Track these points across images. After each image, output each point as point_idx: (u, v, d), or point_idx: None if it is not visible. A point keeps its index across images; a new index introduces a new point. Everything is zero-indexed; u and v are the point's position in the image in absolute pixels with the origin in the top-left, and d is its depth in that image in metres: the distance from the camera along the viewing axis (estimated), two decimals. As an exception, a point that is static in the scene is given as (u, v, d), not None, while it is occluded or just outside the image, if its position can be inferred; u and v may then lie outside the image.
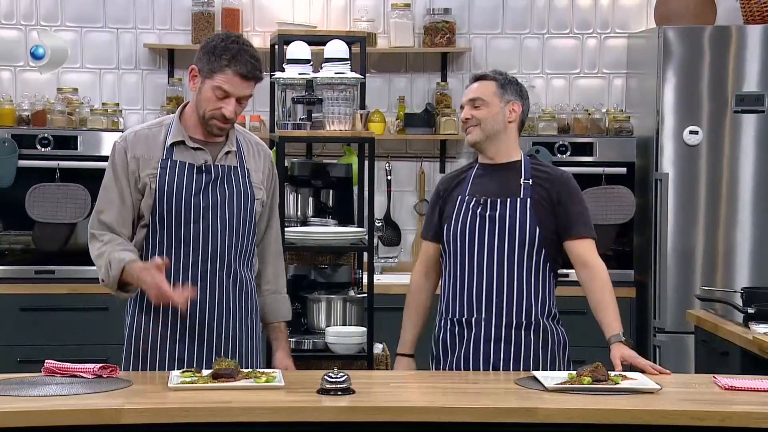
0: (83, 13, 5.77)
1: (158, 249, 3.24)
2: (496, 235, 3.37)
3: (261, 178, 3.34)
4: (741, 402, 2.86)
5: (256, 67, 3.20)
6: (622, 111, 5.77)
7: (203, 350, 3.26)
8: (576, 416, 2.76)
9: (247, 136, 3.41)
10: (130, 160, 3.25)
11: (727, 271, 5.34)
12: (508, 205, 3.39)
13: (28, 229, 5.37)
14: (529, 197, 3.39)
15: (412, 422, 2.77)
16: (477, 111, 3.43)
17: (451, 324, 3.42)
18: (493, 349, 3.37)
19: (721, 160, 5.34)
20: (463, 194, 3.45)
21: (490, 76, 3.48)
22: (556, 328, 3.44)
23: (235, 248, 3.27)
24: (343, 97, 3.87)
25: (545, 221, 3.37)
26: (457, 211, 3.43)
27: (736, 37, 5.32)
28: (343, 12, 5.84)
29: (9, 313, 5.27)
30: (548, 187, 3.40)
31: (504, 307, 3.37)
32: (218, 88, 3.17)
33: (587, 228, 3.42)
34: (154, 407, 2.75)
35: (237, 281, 3.28)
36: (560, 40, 5.91)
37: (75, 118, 5.54)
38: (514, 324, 3.37)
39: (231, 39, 3.21)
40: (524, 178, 3.42)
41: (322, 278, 4.03)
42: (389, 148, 5.84)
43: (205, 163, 3.25)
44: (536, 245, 3.37)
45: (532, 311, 3.39)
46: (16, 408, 2.70)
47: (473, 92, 3.46)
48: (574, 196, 3.43)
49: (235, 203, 3.26)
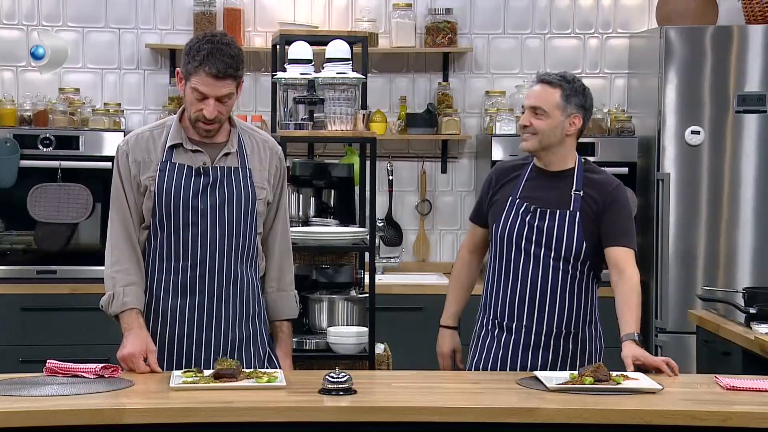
0: (85, 13, 5.77)
1: (159, 251, 3.25)
2: (543, 246, 3.37)
3: (265, 176, 3.32)
4: (742, 402, 2.86)
5: (229, 65, 3.15)
6: (623, 111, 5.77)
7: (201, 352, 3.26)
8: (577, 416, 2.76)
9: (254, 134, 3.38)
10: (131, 164, 3.26)
11: (728, 271, 5.34)
12: (557, 218, 3.38)
13: (30, 229, 5.37)
14: (578, 210, 3.38)
15: (414, 422, 2.77)
16: (537, 120, 3.38)
17: (492, 324, 3.45)
18: (531, 355, 3.38)
19: (723, 161, 5.34)
20: (514, 196, 3.44)
21: (556, 82, 3.39)
22: (595, 334, 3.45)
23: (236, 250, 3.27)
24: (344, 97, 3.87)
25: (592, 232, 3.38)
26: (506, 214, 3.43)
27: (737, 37, 5.32)
28: (345, 12, 5.84)
29: (11, 313, 5.27)
30: (597, 195, 3.39)
31: (546, 315, 3.38)
32: (194, 89, 3.18)
33: (628, 238, 3.39)
34: (156, 407, 2.75)
35: (238, 282, 3.28)
36: (562, 40, 5.91)
37: (77, 118, 5.54)
38: (554, 333, 3.39)
39: (206, 39, 3.18)
40: (575, 189, 3.40)
41: (323, 278, 4.03)
42: (391, 148, 5.84)
43: (203, 165, 3.26)
44: (582, 258, 3.38)
45: (572, 320, 3.40)
46: (18, 408, 2.71)
47: (536, 99, 3.39)
48: (621, 206, 3.41)
49: (235, 205, 3.26)
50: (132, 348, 3.13)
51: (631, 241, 3.40)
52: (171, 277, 3.24)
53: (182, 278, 3.24)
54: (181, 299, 3.25)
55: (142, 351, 3.13)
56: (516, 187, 3.45)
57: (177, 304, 3.25)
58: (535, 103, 3.39)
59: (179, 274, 3.24)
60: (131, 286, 3.21)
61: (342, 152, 5.24)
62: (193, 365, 3.22)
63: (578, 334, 3.41)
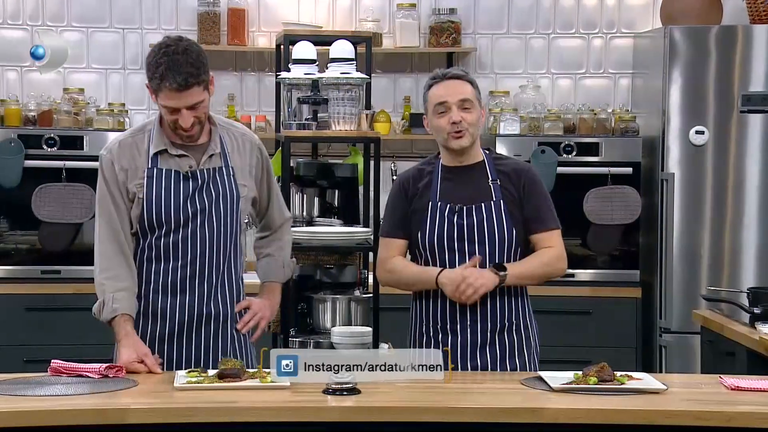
0: (89, 14, 5.77)
1: (147, 253, 3.27)
2: (476, 242, 3.35)
3: (247, 172, 3.35)
4: (746, 402, 2.86)
5: (190, 74, 3.10)
6: (627, 111, 5.76)
7: (191, 352, 3.28)
8: (581, 416, 2.76)
9: (232, 129, 3.38)
10: (118, 172, 3.26)
11: (733, 271, 5.33)
12: (483, 211, 3.37)
13: (34, 229, 5.37)
14: (501, 198, 3.37)
15: (418, 422, 2.77)
16: (467, 114, 3.35)
17: (434, 331, 3.41)
18: (479, 353, 3.37)
19: (728, 160, 5.33)
20: (434, 200, 3.39)
21: (464, 77, 3.40)
22: (533, 325, 3.46)
23: (223, 249, 3.30)
24: (348, 97, 3.87)
25: (516, 219, 3.38)
26: (431, 219, 3.38)
27: (742, 36, 5.31)
28: (349, 12, 5.85)
29: (15, 313, 5.27)
30: (512, 183, 3.39)
31: (488, 309, 3.36)
32: (163, 106, 3.17)
33: (553, 220, 3.42)
34: (160, 407, 2.76)
35: (226, 282, 3.31)
36: (566, 40, 5.91)
37: (81, 118, 5.55)
38: (498, 327, 3.38)
39: (162, 52, 3.13)
40: (491, 179, 3.40)
41: (327, 278, 4.03)
42: (395, 148, 5.84)
43: (190, 169, 3.26)
44: (513, 245, 3.37)
45: (513, 311, 3.40)
46: (23, 408, 2.71)
47: (461, 92, 3.37)
48: (538, 189, 3.41)
49: (222, 206, 3.28)
50: (127, 357, 3.13)
51: (556, 221, 3.42)
52: (161, 277, 3.26)
53: (172, 278, 3.26)
54: (171, 298, 3.27)
55: (137, 358, 3.14)
56: (431, 190, 3.40)
57: (168, 304, 3.27)
58: (463, 96, 3.35)
59: (169, 274, 3.26)
60: (122, 292, 3.21)
61: (346, 152, 5.24)
62: (184, 365, 3.24)
63: (519, 326, 3.40)
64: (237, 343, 3.34)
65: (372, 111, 4.33)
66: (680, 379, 3.17)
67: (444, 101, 3.36)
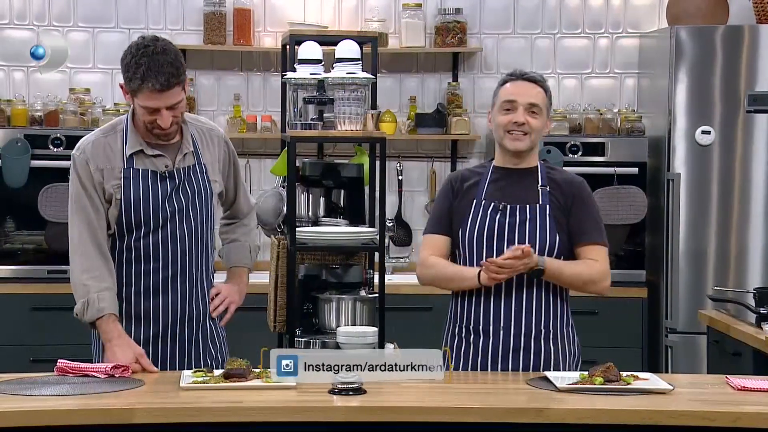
0: (95, 14, 5.78)
1: (126, 254, 3.28)
2: (516, 242, 3.29)
3: (217, 168, 3.39)
4: (753, 403, 2.85)
5: (171, 74, 3.11)
6: (633, 111, 5.76)
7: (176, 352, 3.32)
8: (587, 417, 2.76)
9: (199, 125, 3.40)
10: (94, 172, 3.26)
11: (739, 272, 5.32)
12: (528, 212, 3.33)
13: (41, 229, 5.39)
14: (548, 203, 3.33)
15: (423, 422, 2.77)
16: (533, 119, 3.30)
17: (467, 331, 3.37)
18: (512, 358, 3.31)
19: (734, 160, 5.32)
20: (479, 198, 3.37)
21: (541, 82, 3.35)
22: (572, 335, 3.40)
23: (201, 246, 3.33)
24: (354, 97, 3.87)
25: (562, 226, 3.33)
26: (473, 216, 3.36)
27: (748, 36, 5.31)
28: (355, 12, 5.85)
29: (21, 313, 5.28)
30: (562, 192, 3.35)
31: (523, 315, 3.31)
32: (142, 106, 3.17)
33: (600, 235, 3.37)
34: (166, 407, 2.76)
35: (204, 279, 3.35)
36: (572, 40, 5.90)
37: (87, 119, 5.55)
38: (534, 333, 3.32)
39: (141, 52, 3.12)
40: (541, 185, 3.35)
41: (333, 278, 4.02)
42: (400, 148, 5.84)
43: (167, 169, 3.27)
44: (556, 252, 3.32)
45: (550, 318, 3.34)
46: (29, 407, 2.72)
47: (533, 96, 3.32)
48: (587, 202, 3.38)
49: (197, 204, 3.31)
50: (124, 359, 3.14)
51: (603, 237, 3.37)
52: (142, 279, 3.28)
53: (154, 279, 3.27)
54: (153, 299, 3.28)
55: (133, 358, 3.15)
56: (479, 190, 3.38)
57: (150, 305, 3.28)
58: (534, 100, 3.31)
59: (150, 275, 3.27)
60: (105, 291, 3.21)
61: (352, 152, 5.23)
62: (169, 365, 3.27)
63: (557, 335, 3.34)
64: (217, 337, 3.39)
65: (378, 111, 4.32)
66: (686, 379, 3.17)
67: (513, 100, 3.32)
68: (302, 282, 3.94)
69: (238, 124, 5.71)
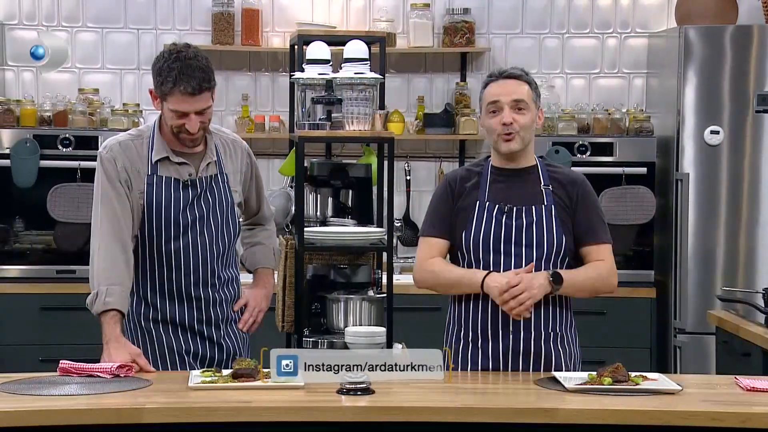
0: (104, 14, 5.79)
1: (150, 261, 3.32)
2: (523, 244, 3.25)
3: (239, 178, 3.44)
4: (762, 403, 2.85)
5: (203, 80, 3.18)
6: (642, 111, 5.75)
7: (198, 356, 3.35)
8: (596, 417, 2.75)
9: (223, 136, 3.45)
10: (120, 170, 3.28)
11: (748, 272, 5.31)
12: (534, 214, 3.28)
13: (50, 229, 5.40)
14: (552, 204, 3.29)
15: (431, 422, 2.77)
16: (520, 116, 3.24)
17: (473, 336, 3.32)
18: (522, 361, 3.28)
19: (743, 160, 5.31)
20: (482, 200, 3.31)
21: (524, 77, 3.29)
22: (575, 338, 3.38)
23: (220, 256, 3.37)
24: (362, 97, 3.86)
25: (568, 226, 3.29)
26: (477, 219, 3.29)
27: (757, 36, 5.29)
28: (363, 12, 5.85)
29: (30, 313, 5.30)
30: (566, 192, 3.31)
31: (532, 317, 3.26)
32: (172, 110, 3.20)
33: (605, 232, 3.34)
34: (175, 407, 2.76)
35: (224, 287, 3.39)
36: (580, 39, 5.90)
37: (96, 119, 5.56)
38: (543, 336, 3.29)
39: (173, 57, 3.19)
40: (543, 184, 3.31)
41: (341, 278, 4.02)
42: (408, 148, 5.84)
43: (190, 177, 3.30)
44: (561, 253, 3.28)
45: (557, 320, 3.31)
46: (38, 407, 2.72)
47: (516, 93, 3.25)
48: (591, 201, 3.34)
49: (218, 213, 3.35)
50: (120, 358, 3.14)
51: (608, 234, 3.34)
52: (165, 284, 3.32)
53: (176, 285, 3.32)
54: (179, 305, 3.33)
55: (129, 358, 3.15)
56: (479, 190, 3.31)
57: (176, 311, 3.33)
58: (517, 96, 3.24)
59: (173, 282, 3.32)
60: (116, 287, 3.22)
61: (360, 152, 5.23)
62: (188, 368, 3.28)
63: (564, 337, 3.31)
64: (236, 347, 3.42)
65: (386, 111, 4.33)
66: (695, 379, 3.16)
67: (497, 101, 3.26)
68: (310, 282, 3.94)
69: (246, 125, 5.72)
